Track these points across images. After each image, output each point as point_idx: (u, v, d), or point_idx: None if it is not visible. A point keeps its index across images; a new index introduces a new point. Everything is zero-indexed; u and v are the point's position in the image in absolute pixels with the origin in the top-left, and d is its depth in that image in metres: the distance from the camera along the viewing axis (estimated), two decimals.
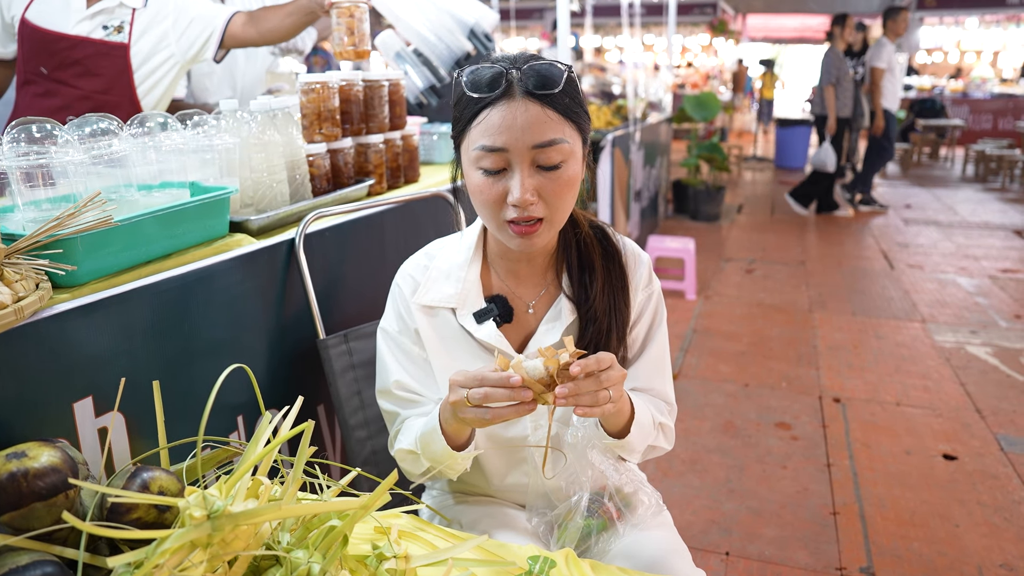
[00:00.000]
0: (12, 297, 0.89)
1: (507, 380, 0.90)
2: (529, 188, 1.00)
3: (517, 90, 0.99)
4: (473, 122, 1.01)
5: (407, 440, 1.14)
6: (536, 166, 1.01)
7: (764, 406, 3.18)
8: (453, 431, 1.05)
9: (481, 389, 0.92)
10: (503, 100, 0.99)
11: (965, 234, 6.47)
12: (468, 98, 1.02)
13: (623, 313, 1.15)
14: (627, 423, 1.09)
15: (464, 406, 0.94)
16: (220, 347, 1.27)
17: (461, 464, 1.10)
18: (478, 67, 1.02)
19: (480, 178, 1.02)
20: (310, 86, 1.63)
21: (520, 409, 0.92)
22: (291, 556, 0.80)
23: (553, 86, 0.99)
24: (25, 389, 0.95)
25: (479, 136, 1.00)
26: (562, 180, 1.02)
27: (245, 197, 1.51)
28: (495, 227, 1.06)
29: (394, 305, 1.21)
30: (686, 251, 4.67)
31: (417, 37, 2.64)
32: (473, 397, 0.92)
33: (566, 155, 1.01)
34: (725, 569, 2.11)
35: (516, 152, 0.99)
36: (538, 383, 0.91)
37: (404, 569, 0.88)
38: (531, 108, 0.98)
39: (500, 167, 1.01)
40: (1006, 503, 2.44)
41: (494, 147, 0.99)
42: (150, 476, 0.83)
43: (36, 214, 1.12)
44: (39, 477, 0.75)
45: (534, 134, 0.98)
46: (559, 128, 1.00)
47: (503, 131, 0.98)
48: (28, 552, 0.74)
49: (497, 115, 0.99)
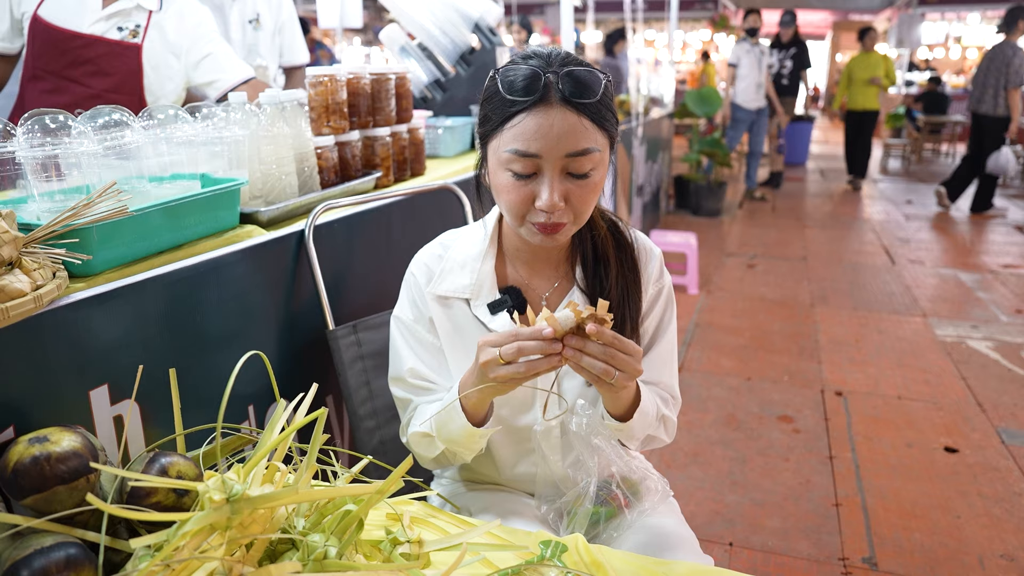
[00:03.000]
0: (31, 285, 0.90)
1: (540, 332, 0.92)
2: (559, 194, 0.99)
3: (554, 96, 0.97)
4: (506, 124, 0.99)
5: (422, 423, 1.15)
6: (567, 173, 1.00)
7: (766, 399, 3.20)
8: (473, 406, 1.05)
9: (514, 344, 0.93)
10: (539, 106, 0.97)
11: (966, 229, 6.48)
12: (502, 99, 0.99)
13: (636, 304, 1.16)
14: (631, 408, 1.09)
15: (496, 365, 0.94)
16: (231, 337, 1.29)
17: (478, 443, 1.11)
18: (514, 67, 1.00)
19: (508, 179, 1.01)
20: (318, 79, 1.64)
21: (552, 361, 0.93)
22: (307, 540, 0.81)
23: (591, 95, 0.97)
24: (43, 377, 0.96)
25: (512, 140, 0.98)
26: (589, 187, 1.01)
27: (254, 189, 1.52)
28: (517, 224, 1.06)
29: (408, 293, 1.21)
30: (688, 246, 4.68)
31: (421, 31, 2.66)
32: (506, 353, 0.93)
33: (596, 163, 1.00)
34: (729, 559, 2.13)
35: (549, 159, 0.98)
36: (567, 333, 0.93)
37: (417, 553, 0.90)
38: (567, 116, 0.96)
39: (530, 171, 0.99)
40: (1007, 495, 2.46)
41: (527, 152, 0.98)
42: (168, 461, 0.85)
43: (51, 204, 1.13)
44: (61, 461, 0.77)
45: (569, 143, 0.97)
46: (592, 137, 0.98)
47: (538, 138, 0.97)
48: (51, 534, 0.75)
49: (532, 121, 0.97)
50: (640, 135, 5.38)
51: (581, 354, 0.93)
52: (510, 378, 0.95)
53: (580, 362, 0.93)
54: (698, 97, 7.23)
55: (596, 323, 0.92)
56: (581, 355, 0.93)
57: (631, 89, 5.30)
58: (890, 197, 8.12)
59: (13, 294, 0.87)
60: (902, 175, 9.81)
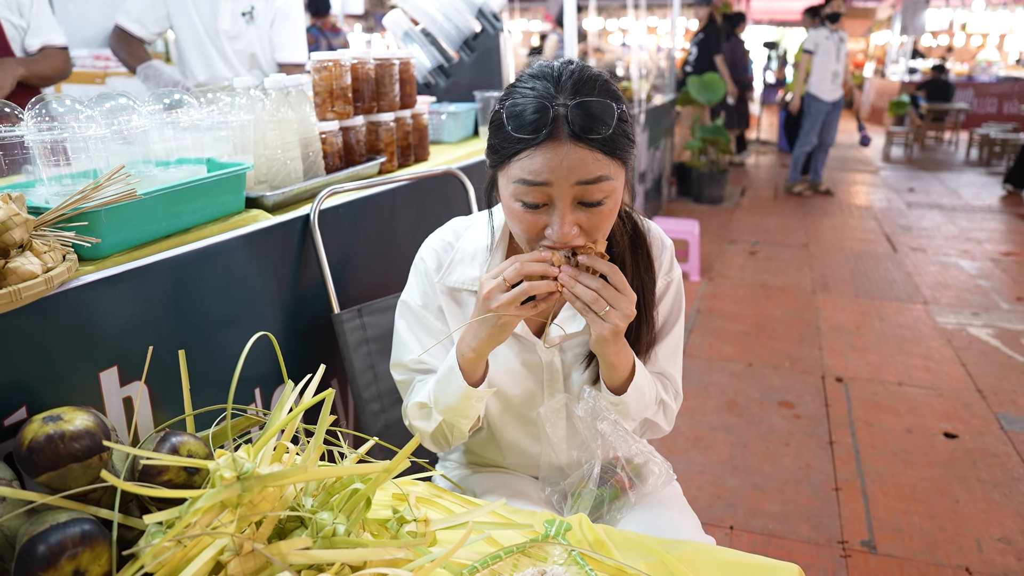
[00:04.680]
0: (42, 267, 0.92)
1: (538, 254, 0.97)
2: (570, 223, 0.96)
3: (563, 132, 0.92)
4: (514, 158, 0.96)
5: (421, 395, 1.16)
6: (579, 202, 0.96)
7: (767, 385, 3.21)
8: (470, 362, 1.06)
9: (515, 264, 0.97)
10: (548, 143, 0.92)
11: (968, 217, 6.48)
12: (508, 135, 0.95)
13: (649, 301, 1.15)
14: (627, 380, 1.10)
15: (499, 291, 0.98)
16: (237, 320, 1.30)
17: (474, 408, 1.10)
18: (520, 96, 0.96)
19: (519, 209, 0.98)
20: (323, 64, 1.65)
21: (550, 284, 0.97)
22: (316, 517, 0.83)
23: (603, 129, 0.93)
24: (54, 358, 0.98)
25: (519, 171, 0.95)
26: (603, 214, 0.98)
27: (259, 174, 1.53)
28: (529, 248, 1.03)
29: (418, 279, 1.20)
30: (690, 233, 4.68)
31: (425, 16, 2.65)
32: (509, 274, 0.97)
33: (609, 191, 0.96)
34: (730, 543, 2.15)
35: (559, 189, 0.94)
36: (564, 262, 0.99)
37: (424, 532, 0.91)
38: (578, 151, 0.92)
39: (541, 202, 0.96)
40: (1005, 480, 2.47)
41: (536, 182, 0.94)
42: (179, 440, 0.86)
43: (59, 188, 1.14)
44: (75, 439, 0.78)
45: (579, 173, 0.93)
46: (605, 166, 0.94)
47: (545, 171, 0.93)
48: (66, 511, 0.77)
49: (540, 157, 0.93)
50: (642, 122, 5.37)
51: (575, 282, 0.97)
52: (510, 303, 0.97)
53: (573, 289, 0.97)
54: (700, 84, 7.20)
55: (591, 254, 0.98)
56: (574, 282, 0.97)
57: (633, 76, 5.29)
58: (892, 185, 8.11)
59: (25, 276, 0.88)
60: (904, 163, 9.78)
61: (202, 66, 2.73)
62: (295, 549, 0.77)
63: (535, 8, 16.35)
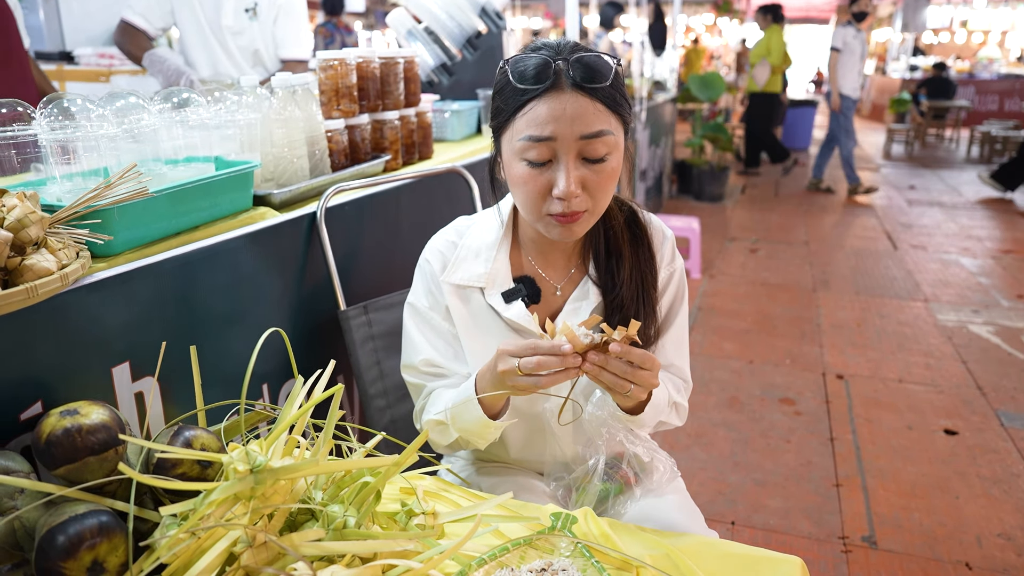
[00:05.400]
0: (57, 264, 0.93)
1: (559, 348, 0.93)
2: (575, 180, 0.99)
3: (565, 82, 0.97)
4: (518, 113, 0.99)
5: (437, 410, 1.16)
6: (582, 158, 0.99)
7: (768, 382, 3.23)
8: (490, 401, 1.06)
9: (534, 358, 0.93)
10: (551, 92, 0.97)
11: (969, 215, 6.49)
12: (513, 88, 1.00)
13: (651, 297, 1.16)
14: (643, 403, 1.11)
15: (515, 374, 0.95)
16: (245, 316, 1.31)
17: (492, 434, 1.12)
18: (523, 56, 1.01)
19: (524, 169, 1.01)
20: (328, 63, 1.66)
21: (570, 373, 0.94)
22: (327, 510, 0.84)
23: (602, 80, 0.98)
24: (68, 354, 0.99)
25: (525, 127, 0.98)
26: (606, 172, 1.01)
27: (266, 172, 1.54)
28: (535, 218, 1.05)
29: (423, 280, 1.21)
30: (691, 231, 4.69)
31: (428, 15, 2.66)
32: (525, 366, 0.93)
33: (611, 147, 1.00)
34: (731, 538, 2.15)
35: (563, 143, 0.97)
36: (585, 346, 0.95)
37: (432, 524, 0.93)
38: (580, 100, 0.97)
39: (546, 158, 0.99)
40: (1005, 476, 2.49)
41: (541, 136, 0.97)
42: (192, 434, 0.87)
43: (71, 186, 1.15)
44: (92, 433, 0.79)
45: (582, 125, 0.97)
46: (606, 120, 0.99)
47: (551, 121, 0.97)
48: (83, 503, 0.78)
49: (544, 107, 0.97)
50: (643, 119, 5.37)
51: (600, 370, 0.94)
52: (527, 388, 0.96)
53: (599, 376, 0.95)
54: (701, 82, 7.20)
55: (624, 342, 0.94)
56: (599, 370, 0.94)
57: (634, 73, 5.29)
58: (893, 182, 8.12)
59: (41, 273, 0.90)
60: (905, 160, 9.79)
61: (205, 62, 2.74)
62: (307, 541, 0.78)
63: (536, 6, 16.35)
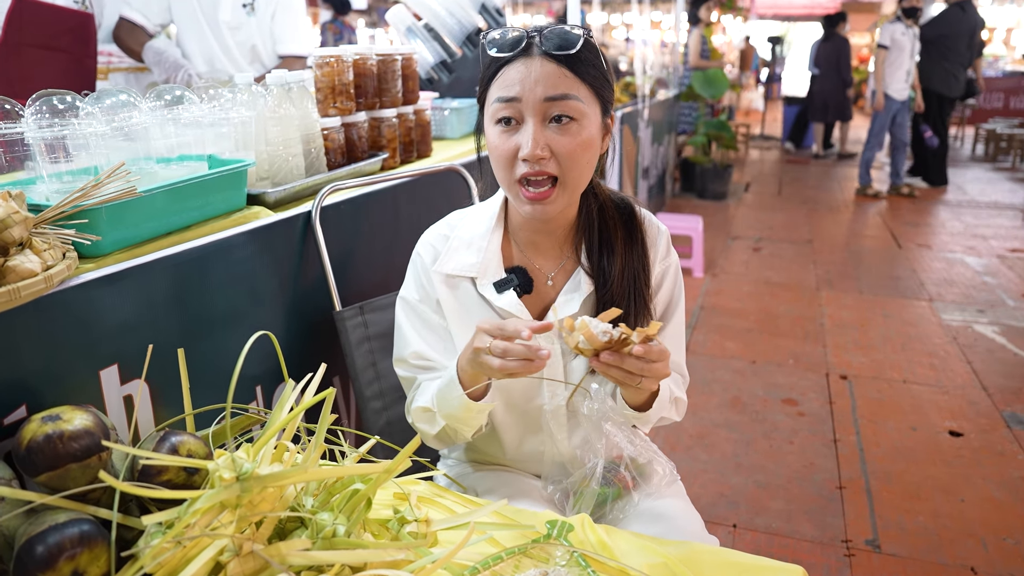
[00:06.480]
0: (41, 266, 0.91)
1: (529, 339, 0.94)
2: (540, 142, 1.02)
3: (536, 50, 1.03)
4: (494, 79, 1.06)
5: (424, 398, 1.16)
6: (548, 120, 1.03)
7: (771, 383, 3.20)
8: (470, 379, 1.07)
9: (501, 343, 0.95)
10: (521, 58, 1.04)
11: (974, 214, 6.45)
12: (490, 58, 1.06)
13: (643, 294, 1.16)
14: (651, 398, 1.11)
15: (485, 352, 0.97)
16: (238, 318, 1.29)
17: (476, 419, 1.12)
18: (503, 30, 1.07)
19: (496, 133, 1.06)
20: (324, 60, 1.64)
21: (531, 367, 0.95)
22: (316, 518, 0.82)
23: (570, 47, 1.02)
24: (54, 356, 0.97)
25: (496, 90, 1.05)
26: (576, 139, 1.03)
27: (261, 170, 1.52)
28: (508, 186, 1.09)
29: (415, 274, 1.22)
30: (694, 229, 4.67)
31: (428, 12, 2.64)
32: (495, 348, 0.96)
33: (579, 113, 1.03)
34: (733, 541, 2.14)
35: (528, 103, 1.02)
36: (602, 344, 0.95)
37: (425, 532, 0.91)
38: (547, 65, 1.02)
39: (514, 118, 1.04)
40: (1011, 478, 2.46)
41: (508, 97, 1.03)
42: (179, 440, 0.85)
43: (59, 185, 1.13)
44: (74, 439, 0.77)
45: (547, 87, 1.02)
46: (573, 85, 1.03)
47: (518, 83, 1.03)
48: (65, 511, 0.76)
49: (514, 71, 1.03)
50: (646, 117, 5.35)
51: (610, 367, 0.96)
52: (492, 371, 0.98)
53: (607, 372, 0.97)
54: (704, 79, 7.17)
55: (644, 343, 0.94)
56: (609, 368, 0.96)
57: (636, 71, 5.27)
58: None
59: (24, 274, 0.88)
60: (909, 158, 9.73)
61: (203, 58, 2.73)
62: (295, 550, 0.76)
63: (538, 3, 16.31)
